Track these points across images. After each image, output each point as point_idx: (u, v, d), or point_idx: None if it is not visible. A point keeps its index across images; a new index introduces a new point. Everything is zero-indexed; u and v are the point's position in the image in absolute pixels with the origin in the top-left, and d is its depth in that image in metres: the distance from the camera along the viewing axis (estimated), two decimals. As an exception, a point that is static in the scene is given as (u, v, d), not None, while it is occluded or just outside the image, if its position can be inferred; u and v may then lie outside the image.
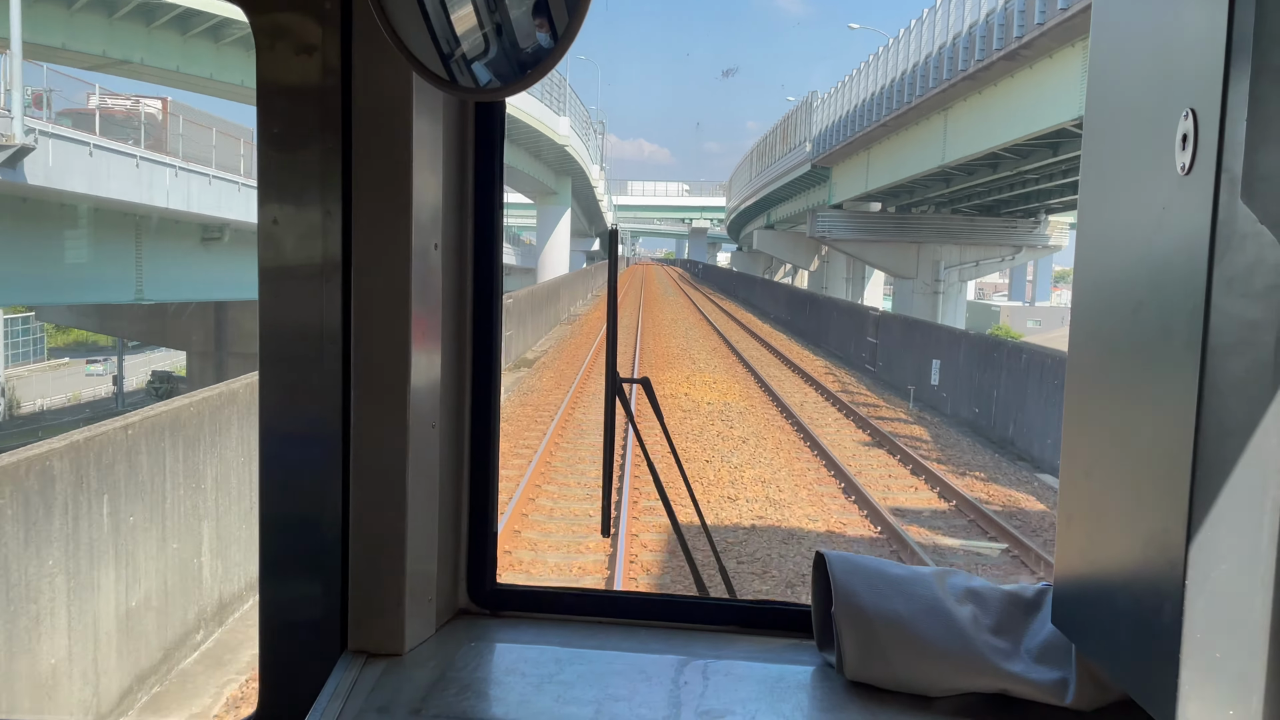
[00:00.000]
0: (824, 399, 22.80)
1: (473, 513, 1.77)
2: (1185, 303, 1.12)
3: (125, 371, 44.26)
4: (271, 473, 1.62)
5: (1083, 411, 1.41)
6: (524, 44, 1.32)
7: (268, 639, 1.63)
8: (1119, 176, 1.33)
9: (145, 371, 48.44)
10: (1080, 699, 1.44)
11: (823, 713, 1.49)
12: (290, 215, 1.57)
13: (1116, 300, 1.31)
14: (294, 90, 1.55)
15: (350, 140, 1.54)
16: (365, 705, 1.46)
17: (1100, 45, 1.42)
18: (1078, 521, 1.41)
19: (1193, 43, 1.14)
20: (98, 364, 51.08)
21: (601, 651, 1.66)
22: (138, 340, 43.74)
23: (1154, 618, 1.17)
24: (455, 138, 1.68)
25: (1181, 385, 1.12)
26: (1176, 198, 1.15)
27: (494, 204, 1.73)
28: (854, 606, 1.51)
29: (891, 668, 1.49)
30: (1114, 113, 1.36)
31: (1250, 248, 1.08)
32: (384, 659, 1.59)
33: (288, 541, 1.62)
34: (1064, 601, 1.45)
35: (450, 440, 1.72)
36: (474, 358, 1.75)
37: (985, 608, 1.55)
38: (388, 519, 1.58)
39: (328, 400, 1.58)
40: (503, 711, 1.47)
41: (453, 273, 1.69)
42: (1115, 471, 1.30)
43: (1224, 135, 1.07)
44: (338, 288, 1.56)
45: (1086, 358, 1.42)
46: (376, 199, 1.54)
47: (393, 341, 1.55)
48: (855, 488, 13.71)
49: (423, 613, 1.66)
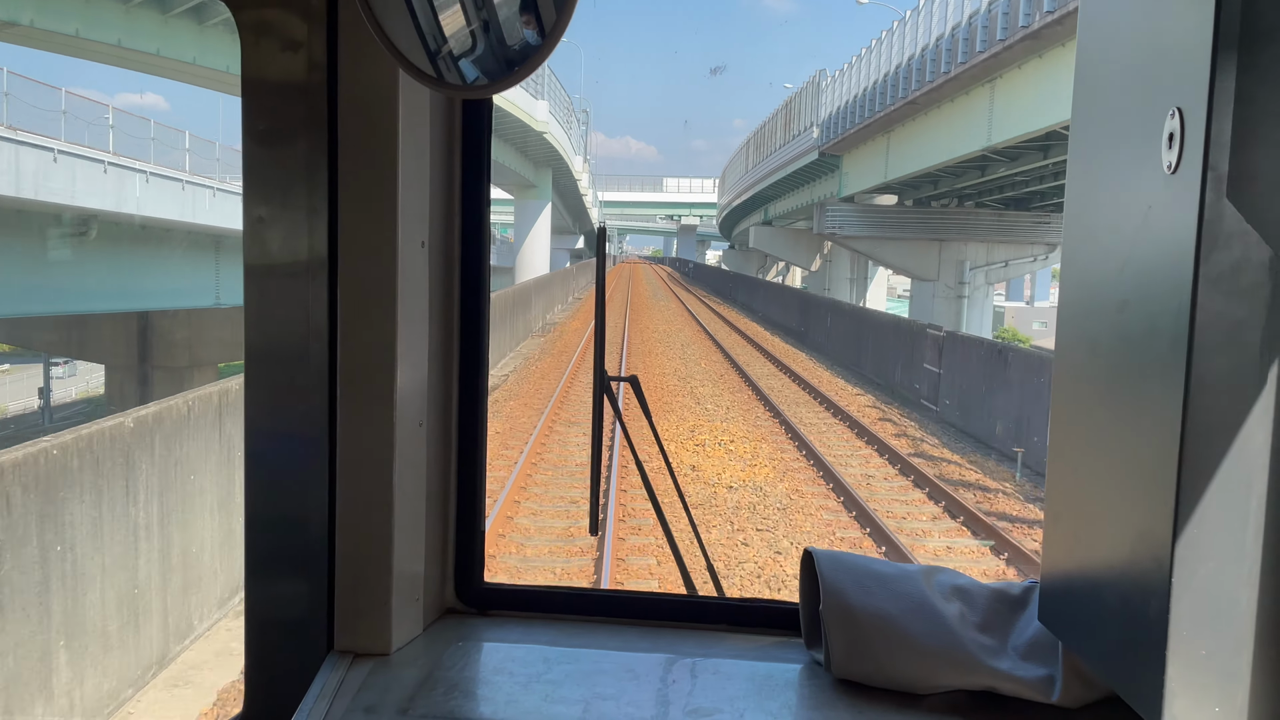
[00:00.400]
0: (897, 471, 17.01)
1: (460, 512, 2.00)
2: (1171, 301, 1.27)
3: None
4: (257, 472, 1.83)
5: (1069, 410, 1.60)
6: (511, 41, 1.49)
7: (254, 639, 1.84)
8: (1105, 175, 1.51)
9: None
10: (1067, 696, 1.65)
11: (810, 710, 1.70)
12: (275, 213, 1.77)
13: (1103, 299, 1.49)
14: (279, 87, 1.76)
15: (336, 137, 1.74)
16: (352, 705, 1.66)
17: (1087, 44, 1.60)
18: (1064, 519, 1.60)
19: (1179, 41, 1.28)
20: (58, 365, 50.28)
21: (589, 650, 1.87)
22: (44, 352, 43.45)
23: (1140, 615, 1.32)
24: (442, 135, 1.89)
25: (1167, 383, 1.27)
26: (1163, 196, 1.30)
27: (481, 201, 1.95)
28: (842, 604, 1.73)
29: (879, 665, 1.71)
30: (1101, 111, 1.54)
31: (1236, 246, 1.22)
32: (371, 659, 1.80)
33: (274, 541, 1.84)
34: (1051, 599, 1.64)
35: (438, 439, 1.94)
36: (461, 355, 1.97)
37: (972, 605, 1.78)
38: (374, 518, 1.79)
39: (314, 399, 1.78)
40: (490, 711, 1.67)
41: (440, 270, 1.90)
42: (1101, 469, 1.48)
43: (1210, 134, 1.21)
44: (324, 285, 1.76)
45: (1073, 356, 1.60)
46: (362, 196, 1.74)
47: (379, 339, 1.75)
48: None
49: (410, 612, 1.87)
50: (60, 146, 25.71)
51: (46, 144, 25.24)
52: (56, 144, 25.63)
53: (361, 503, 1.79)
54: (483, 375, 2.00)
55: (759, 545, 12.52)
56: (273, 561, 1.85)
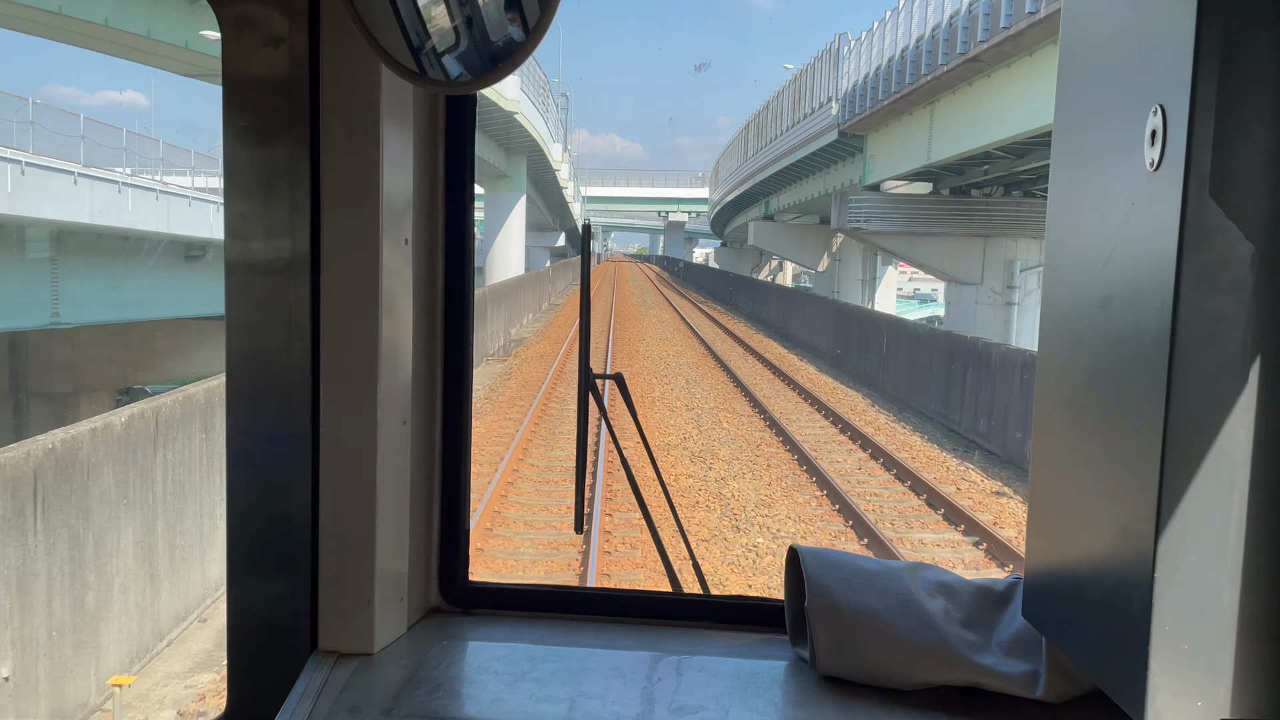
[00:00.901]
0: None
1: (444, 510, 2.26)
2: (1154, 298, 1.42)
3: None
4: (239, 471, 2.08)
5: (1053, 406, 1.82)
6: (495, 37, 1.67)
7: (236, 639, 2.10)
8: (1088, 172, 1.69)
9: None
10: (1050, 691, 1.89)
11: (796, 707, 1.95)
12: (257, 210, 2.02)
13: (1086, 295, 1.66)
14: (261, 83, 2.00)
15: (318, 134, 1.98)
16: (336, 705, 1.89)
17: (1070, 40, 1.79)
18: (1048, 515, 1.82)
19: (1162, 38, 1.43)
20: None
21: (575, 649, 2.13)
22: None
23: (1123, 610, 1.49)
24: (425, 131, 2.15)
25: (1150, 380, 1.43)
26: (1145, 193, 1.46)
27: (465, 198, 2.22)
28: (827, 601, 1.99)
29: (864, 662, 1.97)
30: (1083, 108, 1.72)
31: (1218, 243, 1.37)
32: (354, 659, 2.05)
33: (256, 540, 2.09)
34: (1034, 595, 1.85)
35: (422, 437, 2.20)
36: (445, 353, 2.24)
37: (956, 601, 2.04)
38: (358, 517, 2.04)
39: (296, 397, 2.04)
40: (476, 710, 1.91)
41: (423, 267, 2.16)
42: (1085, 465, 1.66)
43: (1193, 131, 1.36)
44: (306, 283, 2.01)
45: (1056, 352, 1.79)
46: (345, 193, 1.98)
47: (363, 337, 2.00)
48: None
49: (394, 612, 2.13)
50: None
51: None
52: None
53: (345, 501, 2.04)
54: (467, 373, 2.26)
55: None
56: (256, 561, 2.10)
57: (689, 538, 2.45)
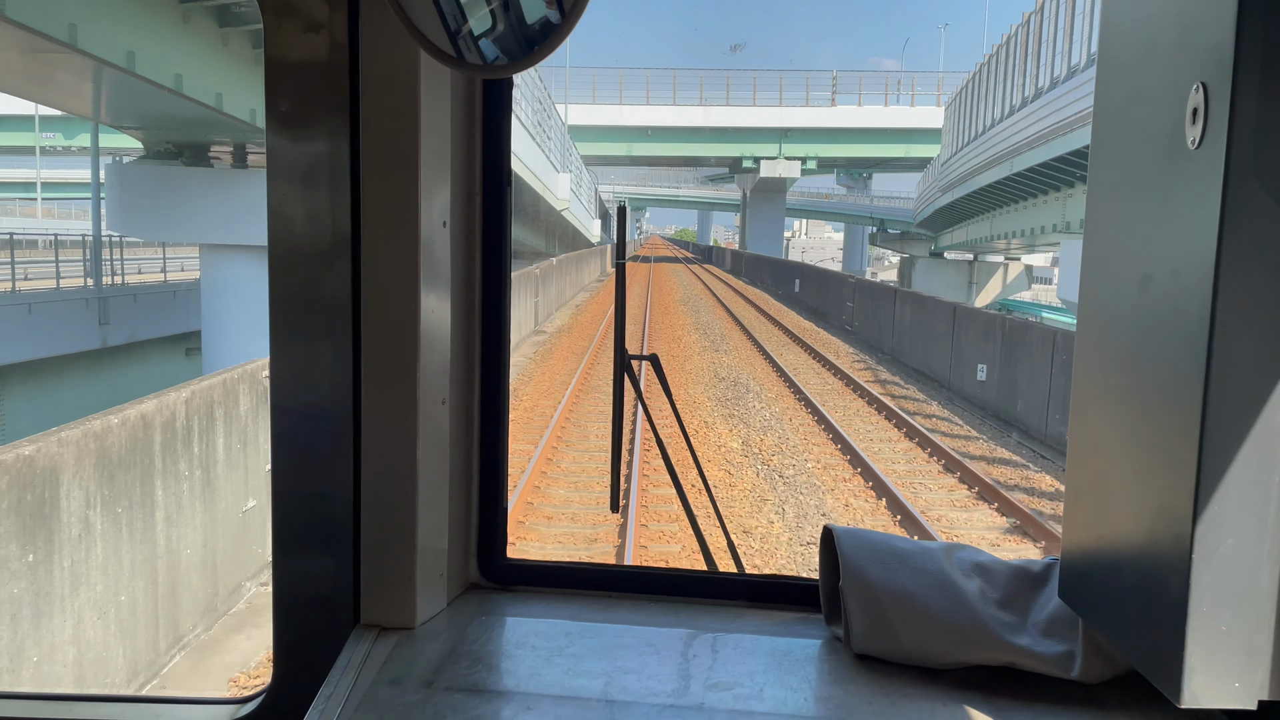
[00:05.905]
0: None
1: (483, 488, 2.28)
2: (1194, 277, 1.40)
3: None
4: (283, 449, 2.11)
5: (1091, 386, 1.80)
6: (531, 19, 1.65)
7: (282, 613, 2.13)
8: (1129, 150, 1.66)
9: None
10: (1086, 672, 1.87)
11: (830, 685, 1.95)
12: (299, 193, 2.04)
13: (1125, 275, 1.64)
14: (302, 68, 2.01)
15: (358, 118, 1.99)
16: (378, 678, 1.91)
17: (1111, 16, 1.75)
18: (1085, 496, 1.80)
19: (1204, 14, 1.40)
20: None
21: (611, 625, 2.14)
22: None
23: (1160, 591, 1.47)
24: (463, 115, 2.15)
25: (1190, 359, 1.41)
26: (1186, 172, 1.44)
27: (502, 181, 2.22)
28: (861, 581, 1.98)
29: (898, 641, 1.96)
30: (1124, 85, 1.69)
31: (1260, 222, 1.35)
32: (396, 632, 2.07)
33: (300, 517, 2.11)
34: (1071, 575, 1.83)
35: (460, 416, 2.21)
36: (483, 334, 2.24)
37: (992, 582, 2.02)
38: (399, 495, 2.06)
39: (338, 377, 2.05)
40: (513, 683, 1.93)
41: (461, 250, 2.17)
42: (1123, 446, 1.63)
43: (1235, 109, 1.33)
44: (347, 264, 2.02)
45: (1095, 332, 1.76)
46: (384, 176, 1.99)
47: (402, 318, 2.01)
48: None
49: (434, 587, 2.15)
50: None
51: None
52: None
53: (386, 479, 2.06)
54: (505, 354, 2.27)
55: None
56: (300, 537, 2.12)
57: (724, 518, 2.43)
